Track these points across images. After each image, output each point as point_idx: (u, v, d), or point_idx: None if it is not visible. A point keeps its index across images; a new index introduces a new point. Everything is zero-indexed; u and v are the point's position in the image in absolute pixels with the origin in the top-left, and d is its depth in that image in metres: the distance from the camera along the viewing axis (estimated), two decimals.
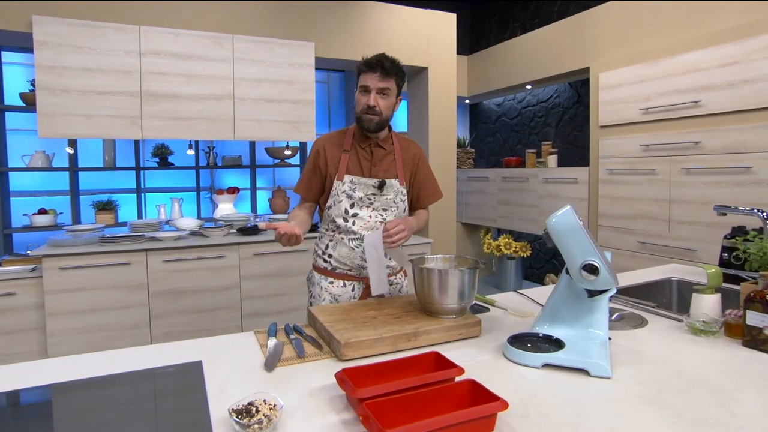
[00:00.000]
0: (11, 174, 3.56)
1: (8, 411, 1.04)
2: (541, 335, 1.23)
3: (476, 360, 1.18)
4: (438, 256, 1.50)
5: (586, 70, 3.80)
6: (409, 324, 1.30)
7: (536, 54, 4.32)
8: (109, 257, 2.80)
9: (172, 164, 3.97)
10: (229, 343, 1.32)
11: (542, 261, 5.10)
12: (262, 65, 3.23)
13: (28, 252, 2.95)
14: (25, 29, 2.68)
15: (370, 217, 1.63)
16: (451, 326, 1.30)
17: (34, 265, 2.79)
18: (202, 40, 3.05)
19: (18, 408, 1.05)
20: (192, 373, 1.12)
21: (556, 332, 1.24)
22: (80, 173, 3.74)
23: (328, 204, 1.65)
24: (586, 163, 3.83)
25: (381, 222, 1.64)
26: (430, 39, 3.81)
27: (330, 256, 1.67)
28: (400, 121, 5.07)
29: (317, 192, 1.68)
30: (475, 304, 1.66)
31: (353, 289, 1.67)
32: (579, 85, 4.42)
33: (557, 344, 1.18)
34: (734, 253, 1.80)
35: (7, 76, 3.47)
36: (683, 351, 1.23)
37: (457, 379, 0.98)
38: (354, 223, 1.62)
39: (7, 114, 3.48)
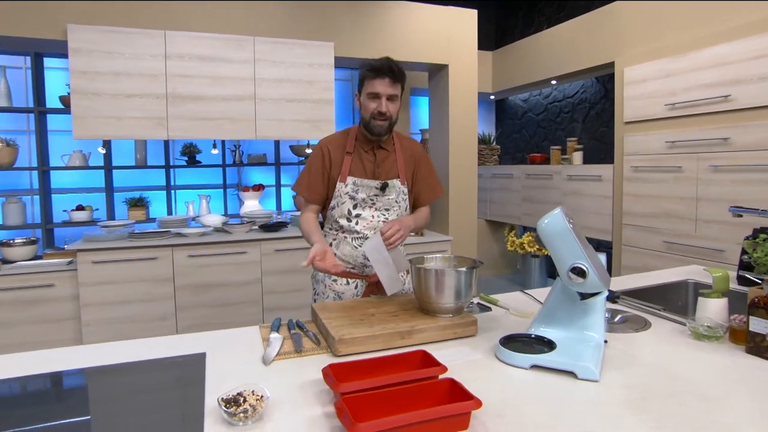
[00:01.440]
0: (52, 173, 3.78)
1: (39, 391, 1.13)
2: (533, 336, 1.24)
3: (467, 359, 1.20)
4: (437, 255, 1.52)
5: (611, 64, 3.70)
6: (404, 322, 1.33)
7: (560, 49, 4.23)
8: (138, 252, 2.95)
9: (200, 162, 4.12)
10: (233, 337, 1.39)
11: None
12: (282, 66, 3.30)
13: (65, 246, 3.14)
14: (61, 37, 2.85)
15: (373, 217, 1.67)
16: (447, 325, 1.32)
17: (70, 259, 2.97)
18: (224, 42, 3.15)
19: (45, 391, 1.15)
20: (195, 365, 1.19)
21: (550, 334, 1.24)
22: (114, 171, 3.93)
23: (331, 205, 1.69)
24: (613, 160, 3.73)
25: (384, 222, 1.68)
26: (451, 36, 3.80)
27: (334, 254, 1.72)
28: (422, 119, 5.08)
29: (323, 192, 1.71)
30: (479, 303, 1.67)
31: (356, 287, 1.71)
32: (606, 80, 4.30)
33: (549, 345, 1.19)
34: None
35: (49, 81, 3.69)
36: (681, 356, 1.21)
37: (441, 377, 1.00)
38: (357, 224, 1.66)
39: (48, 116, 3.70)
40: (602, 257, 1.25)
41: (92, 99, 2.89)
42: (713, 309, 1.35)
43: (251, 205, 4.15)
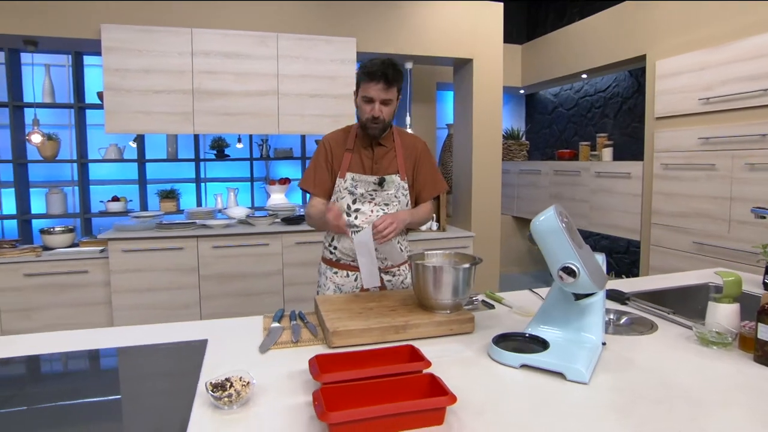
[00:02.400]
0: (90, 165, 3.99)
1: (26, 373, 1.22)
2: (527, 335, 1.22)
3: (458, 356, 1.20)
4: (438, 251, 1.52)
5: (643, 57, 3.55)
6: (401, 317, 1.34)
7: (591, 41, 4.09)
8: (164, 242, 3.08)
9: (228, 156, 4.25)
10: (237, 325, 1.44)
11: None
12: (306, 62, 3.35)
13: (97, 236, 3.31)
14: (96, 36, 2.99)
15: (372, 211, 1.69)
16: (443, 321, 1.32)
17: (102, 247, 3.13)
18: (249, 39, 3.23)
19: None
20: (196, 351, 1.24)
21: (547, 334, 1.23)
22: (147, 164, 4.10)
23: (332, 200, 1.72)
24: (643, 157, 3.59)
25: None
26: (476, 29, 3.74)
27: (335, 248, 1.75)
28: (448, 113, 5.04)
29: (329, 186, 1.75)
30: (483, 301, 1.66)
31: (356, 279, 1.73)
32: (639, 74, 4.13)
33: (543, 345, 1.17)
34: None
35: (88, 78, 3.89)
36: (683, 362, 1.17)
37: (425, 371, 1.01)
38: (356, 218, 1.68)
39: (87, 111, 3.89)
40: (600, 258, 1.20)
41: (123, 95, 3.03)
42: (723, 314, 1.30)
43: (277, 198, 4.24)
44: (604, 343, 1.22)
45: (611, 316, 1.49)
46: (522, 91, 5.52)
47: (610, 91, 4.50)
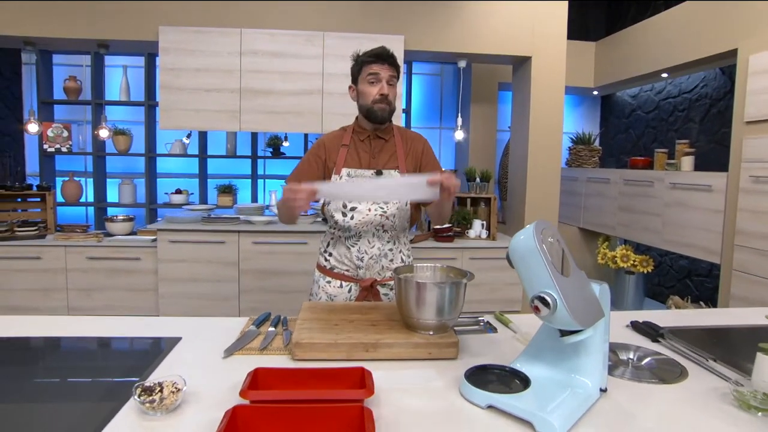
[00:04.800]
0: (158, 159, 4.27)
1: None
2: (508, 369, 1.05)
3: (426, 386, 1.06)
4: (429, 264, 1.38)
5: (734, 52, 3.07)
6: (376, 334, 1.22)
7: (673, 36, 3.63)
8: (208, 235, 3.20)
9: (284, 154, 4.34)
10: (217, 325, 1.41)
11: (673, 279, 4.34)
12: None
13: (147, 225, 3.53)
14: (153, 38, 3.18)
15: (369, 210, 1.58)
16: (420, 343, 1.19)
17: (154, 237, 3.33)
18: (295, 38, 3.26)
19: None
20: (163, 348, 1.22)
21: (533, 370, 1.05)
22: (208, 160, 4.31)
23: (327, 199, 1.63)
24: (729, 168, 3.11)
25: (381, 215, 1.57)
26: (535, 25, 3.48)
27: (330, 254, 1.67)
28: (504, 115, 4.75)
29: (314, 178, 1.65)
30: (488, 322, 1.49)
31: (350, 290, 1.63)
32: (733, 72, 3.59)
33: (524, 384, 1.00)
34: None
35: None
36: (703, 424, 0.93)
37: (368, 400, 0.90)
38: (352, 218, 1.57)
39: (157, 109, 4.17)
40: (597, 288, 0.98)
41: (176, 93, 3.19)
42: None
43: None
44: (604, 390, 1.02)
45: (631, 356, 1.25)
46: (596, 93, 5.07)
47: (697, 92, 3.97)
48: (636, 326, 1.44)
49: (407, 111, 4.42)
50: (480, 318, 1.52)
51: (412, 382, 1.08)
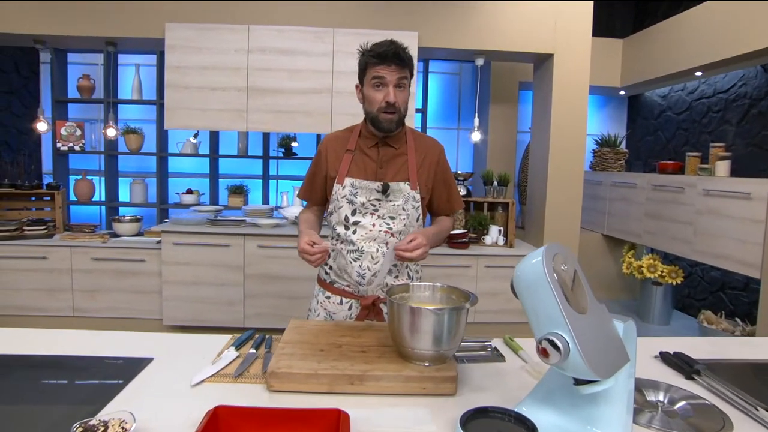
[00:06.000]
0: (171, 158, 4.22)
1: None
2: (512, 414, 0.90)
3: (413, 430, 0.92)
4: (427, 283, 1.23)
5: None
6: (364, 363, 1.08)
7: (709, 31, 3.38)
8: (212, 238, 3.11)
9: (296, 155, 4.24)
10: (195, 344, 1.29)
11: (705, 291, 4.07)
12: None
13: (151, 227, 3.46)
14: (161, 36, 3.11)
15: (374, 225, 1.43)
16: (413, 377, 1.04)
17: (159, 239, 3.26)
18: (304, 35, 3.14)
19: None
20: (128, 371, 1.11)
21: (541, 417, 0.89)
22: (220, 160, 4.24)
23: (329, 209, 1.50)
24: None
25: (386, 232, 1.43)
26: (558, 21, 3.28)
27: (330, 267, 1.53)
28: (525, 116, 4.55)
29: (321, 195, 1.56)
30: (495, 348, 1.33)
31: (350, 308, 1.49)
32: None
33: None
34: None
35: None
36: None
37: None
38: (355, 232, 1.43)
39: None
40: (620, 326, 0.81)
41: (182, 92, 3.12)
42: None
43: None
44: None
45: (661, 397, 1.08)
46: (622, 93, 4.81)
47: (734, 91, 3.70)
48: (666, 358, 1.26)
49: (423, 111, 4.26)
50: (487, 343, 1.36)
51: (400, 425, 0.93)
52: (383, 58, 1.34)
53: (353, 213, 1.44)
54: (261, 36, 3.11)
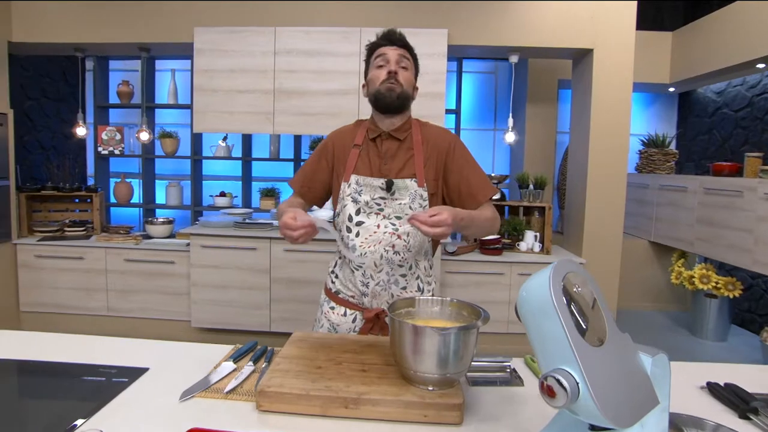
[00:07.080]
0: (206, 161, 4.29)
1: None
2: None
3: None
4: (436, 298, 1.12)
5: None
6: (361, 384, 0.99)
7: None
8: (239, 241, 3.11)
9: None
10: (194, 354, 1.24)
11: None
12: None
13: (181, 230, 3.51)
14: (190, 40, 3.14)
15: (378, 227, 1.32)
16: (413, 402, 0.94)
17: (188, 241, 3.30)
18: (331, 35, 3.09)
19: None
20: (117, 383, 1.07)
21: None
22: (253, 163, 4.27)
23: (336, 210, 1.40)
24: None
25: (391, 233, 1.32)
26: (598, 13, 3.07)
27: (336, 276, 1.45)
28: (565, 116, 4.32)
29: (319, 194, 1.44)
30: (513, 369, 1.21)
31: (354, 320, 1.39)
32: None
33: None
34: None
35: None
36: None
37: None
38: (358, 235, 1.33)
39: None
40: (648, 361, 0.66)
41: (210, 95, 3.14)
42: None
43: None
44: None
45: None
46: (672, 89, 4.49)
47: None
48: (715, 390, 1.09)
49: (457, 112, 4.13)
50: (506, 363, 1.24)
51: None
52: (388, 39, 1.36)
53: (357, 213, 1.34)
54: (287, 37, 3.09)
